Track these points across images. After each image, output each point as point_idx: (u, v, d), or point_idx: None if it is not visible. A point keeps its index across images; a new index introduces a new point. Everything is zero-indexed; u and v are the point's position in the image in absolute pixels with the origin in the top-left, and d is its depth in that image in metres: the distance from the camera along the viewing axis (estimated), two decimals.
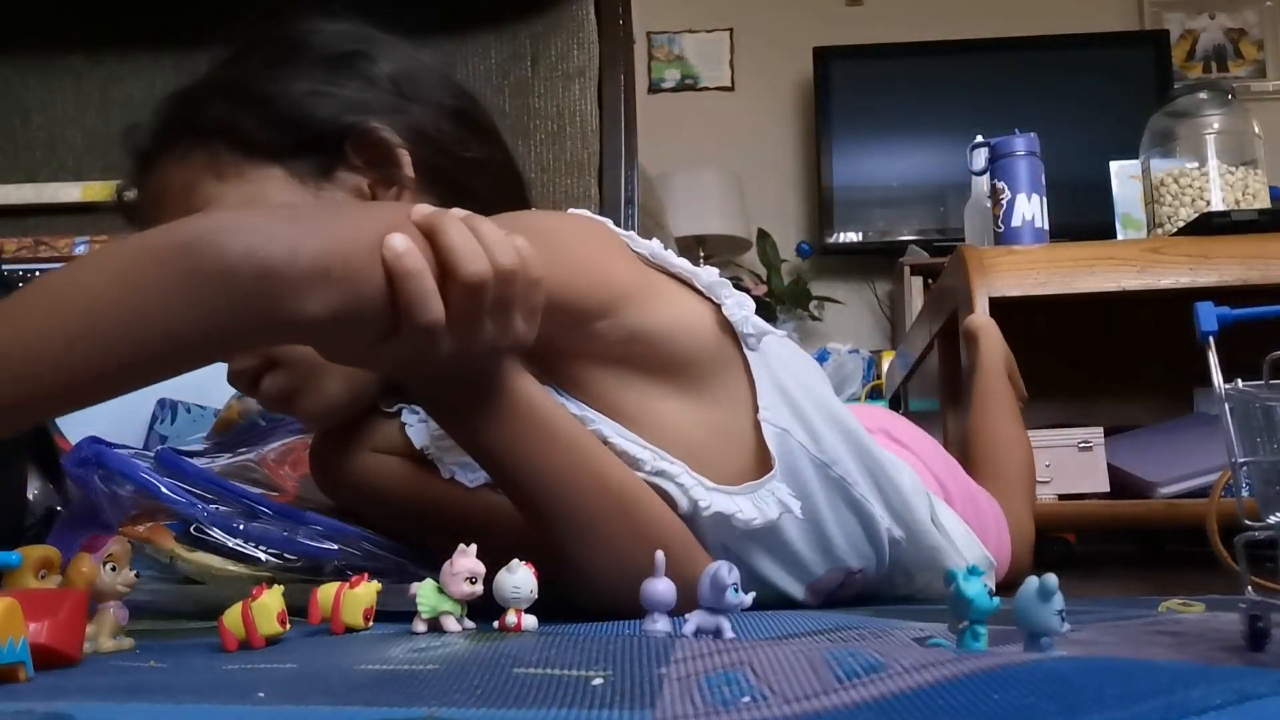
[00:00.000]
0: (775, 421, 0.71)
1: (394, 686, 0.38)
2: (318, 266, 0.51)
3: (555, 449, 0.64)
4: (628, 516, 0.65)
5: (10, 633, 0.41)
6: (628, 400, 0.69)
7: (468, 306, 0.55)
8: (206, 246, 0.50)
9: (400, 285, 0.53)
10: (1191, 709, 0.30)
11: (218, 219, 0.52)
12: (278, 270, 0.50)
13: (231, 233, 0.50)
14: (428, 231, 0.55)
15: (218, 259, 0.49)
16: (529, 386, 0.64)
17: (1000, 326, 1.45)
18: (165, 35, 1.47)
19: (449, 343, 0.56)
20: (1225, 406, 0.48)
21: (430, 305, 0.54)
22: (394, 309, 0.54)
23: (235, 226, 0.50)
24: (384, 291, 0.53)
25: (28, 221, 1.48)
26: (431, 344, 0.55)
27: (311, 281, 0.51)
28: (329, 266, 0.51)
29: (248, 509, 0.77)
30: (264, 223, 0.51)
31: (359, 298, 0.53)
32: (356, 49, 0.74)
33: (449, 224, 0.55)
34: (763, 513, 0.69)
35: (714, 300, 0.71)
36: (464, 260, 0.54)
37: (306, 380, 0.71)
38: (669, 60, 3.99)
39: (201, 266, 0.49)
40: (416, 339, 0.55)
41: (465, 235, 0.55)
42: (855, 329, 3.73)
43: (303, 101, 0.71)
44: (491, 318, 0.56)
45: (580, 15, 1.40)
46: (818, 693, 0.34)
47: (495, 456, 0.64)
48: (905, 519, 0.78)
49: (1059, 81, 3.51)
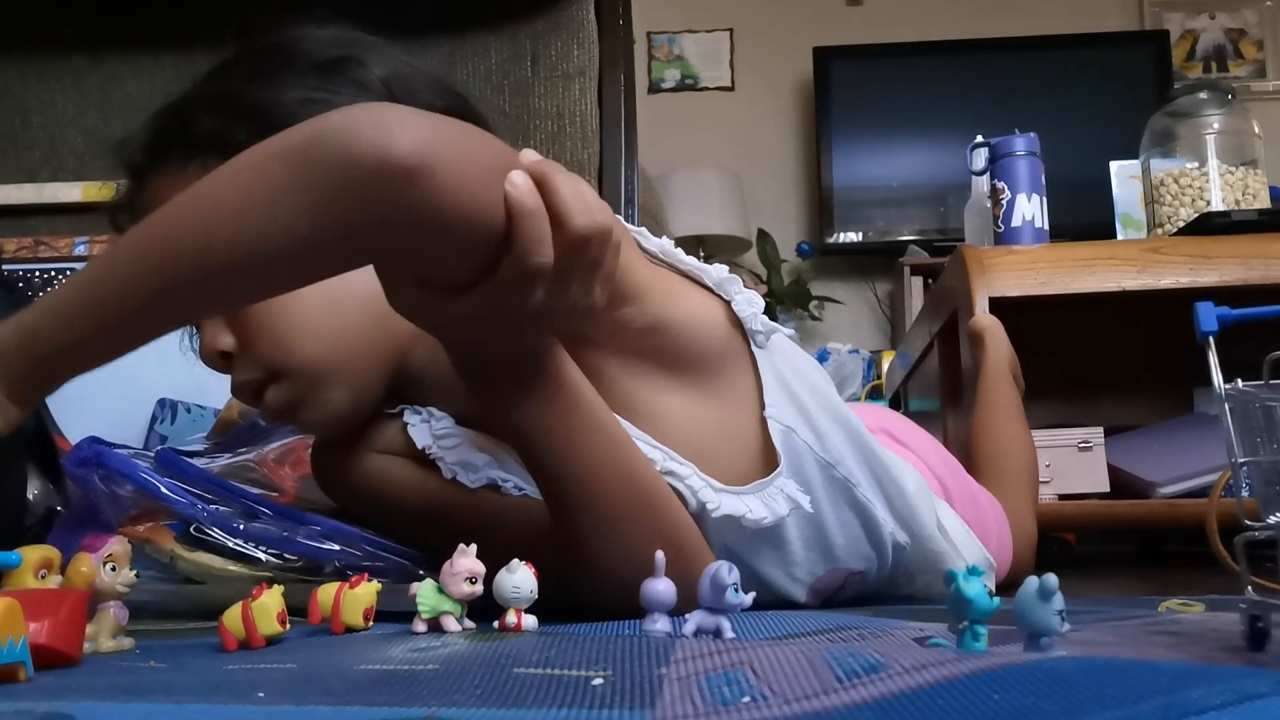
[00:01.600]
0: (781, 419, 0.71)
1: (394, 686, 0.38)
2: (447, 167, 0.50)
3: (594, 439, 0.63)
4: (651, 515, 0.65)
5: (10, 633, 0.41)
6: (639, 394, 0.69)
7: (570, 259, 0.55)
8: (335, 139, 0.49)
9: (520, 223, 0.52)
10: (1191, 709, 0.30)
11: (345, 114, 0.51)
12: (405, 161, 0.48)
13: (360, 126, 0.49)
14: (538, 178, 0.54)
15: (346, 150, 0.49)
16: (573, 372, 0.63)
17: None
18: (165, 35, 1.47)
19: (540, 295, 0.55)
20: (1225, 406, 0.48)
21: (545, 248, 0.53)
22: (502, 248, 0.53)
23: (363, 120, 0.50)
24: (501, 224, 0.52)
25: (28, 221, 1.48)
26: (527, 293, 0.54)
27: (439, 179, 0.49)
28: (458, 174, 0.50)
29: (247, 509, 0.77)
30: (393, 117, 0.50)
31: (476, 220, 0.52)
32: (346, 54, 0.73)
33: (560, 174, 0.55)
34: (773, 510, 0.69)
35: (723, 297, 0.71)
36: (575, 212, 0.54)
37: (310, 391, 0.70)
38: (669, 60, 3.99)
39: (328, 159, 0.49)
40: (512, 285, 0.54)
41: (574, 188, 0.55)
42: (855, 329, 3.73)
43: (296, 110, 0.69)
44: (578, 276, 0.56)
45: (580, 15, 1.40)
46: (818, 693, 0.34)
47: (533, 438, 0.63)
48: (909, 523, 0.78)
49: (1059, 81, 3.51)
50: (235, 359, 0.71)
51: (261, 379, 0.71)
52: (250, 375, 0.71)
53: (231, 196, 0.51)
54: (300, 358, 0.70)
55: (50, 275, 1.44)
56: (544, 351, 0.61)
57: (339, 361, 0.71)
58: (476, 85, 1.41)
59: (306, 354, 0.70)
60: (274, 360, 0.70)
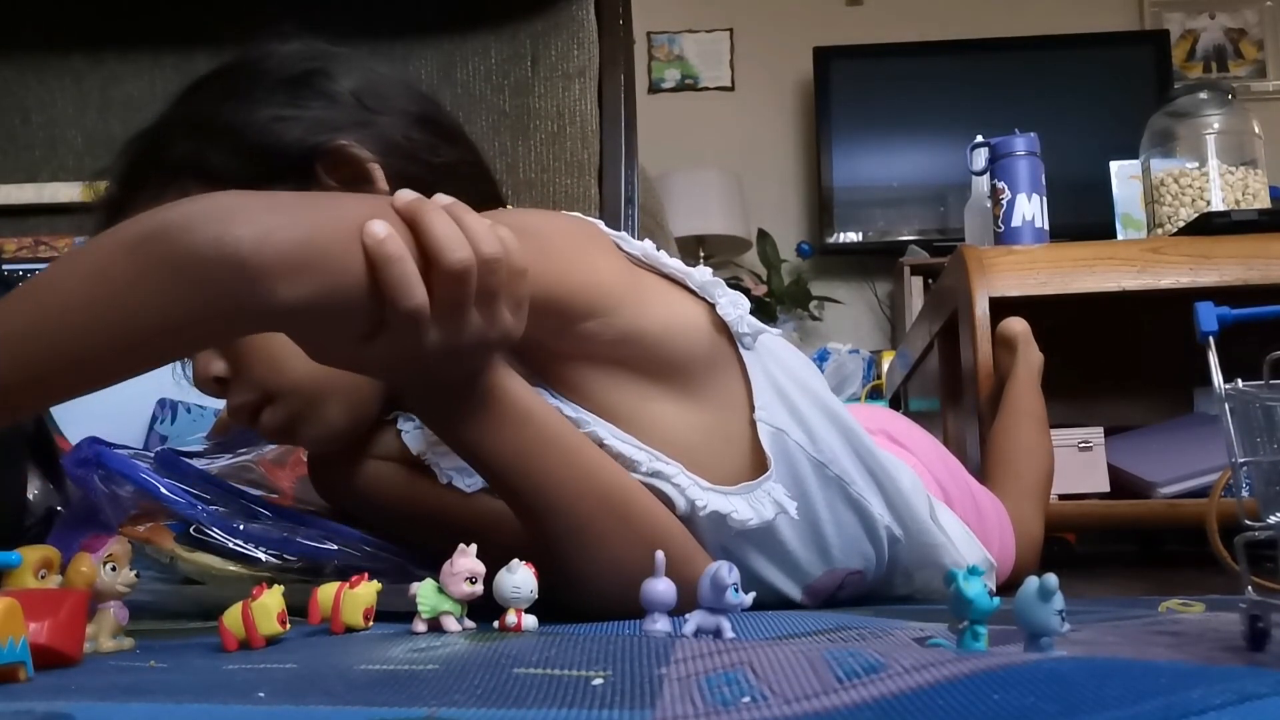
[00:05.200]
0: (771, 421, 0.71)
1: (394, 686, 0.38)
2: (291, 254, 0.50)
3: (547, 451, 0.63)
4: (621, 517, 0.65)
5: (10, 633, 0.41)
6: (622, 402, 0.69)
7: (452, 294, 0.54)
8: (175, 234, 0.49)
9: (382, 271, 0.52)
10: (1191, 709, 0.30)
11: (187, 206, 0.51)
12: (246, 258, 0.49)
13: (201, 220, 0.49)
14: (410, 219, 0.54)
15: (186, 247, 0.49)
16: (518, 388, 0.63)
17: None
18: (165, 35, 1.47)
19: (435, 334, 0.55)
20: (1225, 406, 0.48)
21: (414, 290, 0.53)
22: (377, 299, 0.53)
23: (205, 213, 0.50)
24: (365, 280, 0.52)
25: (28, 221, 1.47)
26: (417, 336, 0.54)
27: (285, 270, 0.50)
28: (305, 255, 0.50)
29: (247, 509, 0.77)
30: (236, 209, 0.50)
31: (337, 286, 0.52)
32: (313, 68, 0.72)
33: (431, 212, 0.55)
34: (758, 513, 0.69)
35: (708, 300, 0.71)
36: (446, 247, 0.54)
37: (306, 410, 0.70)
38: (669, 60, 3.99)
39: (169, 255, 0.49)
40: (402, 330, 0.54)
41: (448, 223, 0.54)
42: (855, 329, 3.73)
43: (268, 128, 0.70)
44: (477, 308, 0.56)
45: (580, 15, 1.40)
46: (818, 693, 0.34)
47: (487, 459, 0.64)
48: (904, 516, 0.78)
49: (1059, 81, 3.51)
50: (229, 383, 0.70)
51: (257, 400, 0.70)
52: (246, 398, 0.70)
53: (80, 289, 0.50)
54: (294, 378, 0.69)
55: None
56: (479, 374, 0.61)
57: (333, 378, 0.69)
58: (476, 85, 1.41)
59: (300, 374, 0.68)
60: (268, 383, 0.69)
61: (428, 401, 0.63)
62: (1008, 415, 1.34)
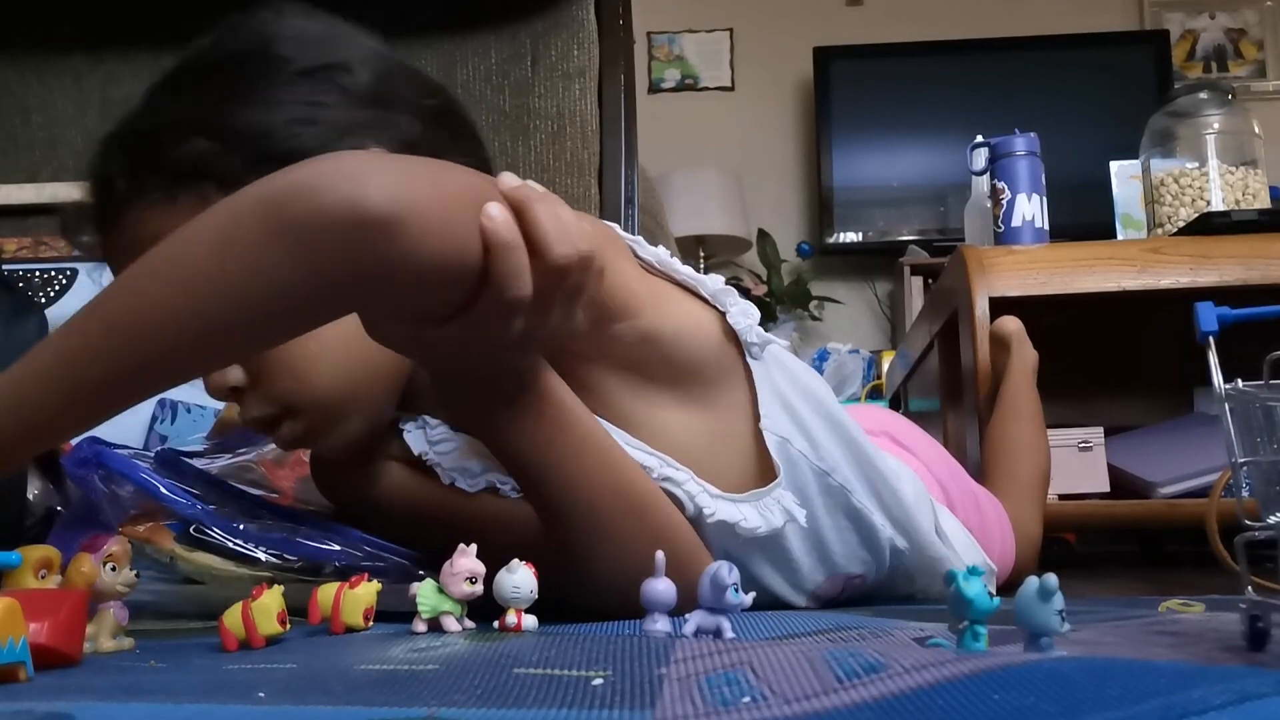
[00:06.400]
0: (776, 430, 0.71)
1: (394, 686, 0.38)
2: (421, 220, 0.49)
3: (581, 450, 0.63)
4: (642, 521, 0.65)
5: (10, 633, 0.41)
6: (635, 407, 0.69)
7: (549, 288, 0.54)
8: (300, 197, 0.48)
9: (498, 257, 0.52)
10: (1191, 709, 0.30)
11: (315, 168, 0.49)
12: (375, 217, 0.47)
13: (329, 181, 0.48)
14: (516, 206, 0.54)
15: (315, 210, 0.48)
16: (558, 386, 0.63)
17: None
18: (165, 35, 1.47)
19: (520, 323, 0.55)
20: (1225, 406, 0.48)
21: (524, 281, 0.53)
22: (482, 281, 0.52)
23: (333, 175, 0.49)
24: (479, 259, 0.52)
25: (28, 221, 1.47)
26: (506, 323, 0.54)
27: (412, 235, 0.48)
28: (431, 223, 0.49)
29: (247, 509, 0.77)
30: (365, 169, 0.49)
31: (454, 263, 0.51)
32: (330, 60, 0.69)
33: (539, 202, 0.54)
34: (767, 521, 0.69)
35: (719, 308, 0.71)
36: (555, 241, 0.53)
37: (326, 424, 0.69)
38: (669, 60, 3.99)
39: (296, 220, 0.48)
40: (490, 315, 0.54)
41: (553, 215, 0.54)
42: (855, 329, 3.73)
43: (290, 135, 0.66)
44: (560, 304, 0.56)
45: (580, 15, 1.39)
46: (818, 693, 0.34)
47: (520, 455, 0.63)
48: (908, 528, 0.78)
49: (1059, 81, 3.51)
50: (245, 394, 0.68)
51: (275, 415, 0.68)
52: (264, 411, 0.68)
53: (208, 259, 0.49)
54: (318, 392, 0.67)
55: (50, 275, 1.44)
56: (528, 370, 0.61)
57: (353, 391, 0.69)
58: (476, 85, 1.40)
59: (322, 388, 0.67)
60: (290, 395, 0.67)
61: (469, 393, 0.62)
62: (1003, 414, 1.34)
